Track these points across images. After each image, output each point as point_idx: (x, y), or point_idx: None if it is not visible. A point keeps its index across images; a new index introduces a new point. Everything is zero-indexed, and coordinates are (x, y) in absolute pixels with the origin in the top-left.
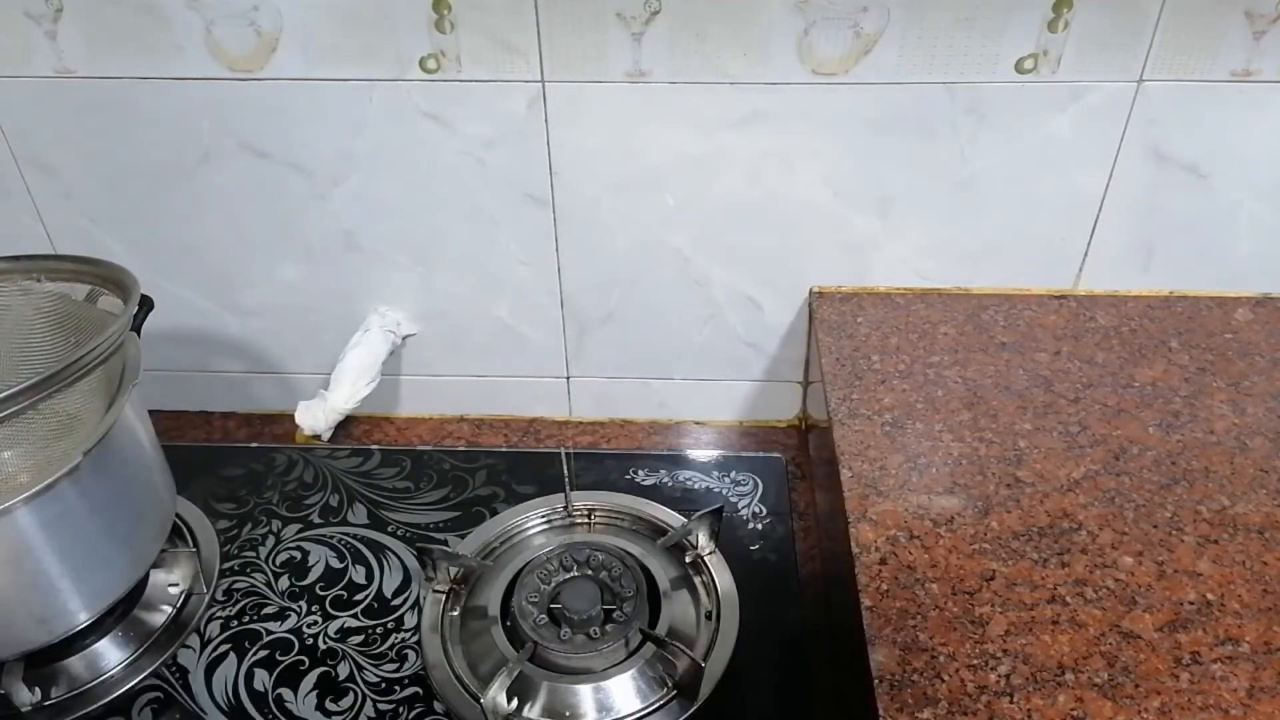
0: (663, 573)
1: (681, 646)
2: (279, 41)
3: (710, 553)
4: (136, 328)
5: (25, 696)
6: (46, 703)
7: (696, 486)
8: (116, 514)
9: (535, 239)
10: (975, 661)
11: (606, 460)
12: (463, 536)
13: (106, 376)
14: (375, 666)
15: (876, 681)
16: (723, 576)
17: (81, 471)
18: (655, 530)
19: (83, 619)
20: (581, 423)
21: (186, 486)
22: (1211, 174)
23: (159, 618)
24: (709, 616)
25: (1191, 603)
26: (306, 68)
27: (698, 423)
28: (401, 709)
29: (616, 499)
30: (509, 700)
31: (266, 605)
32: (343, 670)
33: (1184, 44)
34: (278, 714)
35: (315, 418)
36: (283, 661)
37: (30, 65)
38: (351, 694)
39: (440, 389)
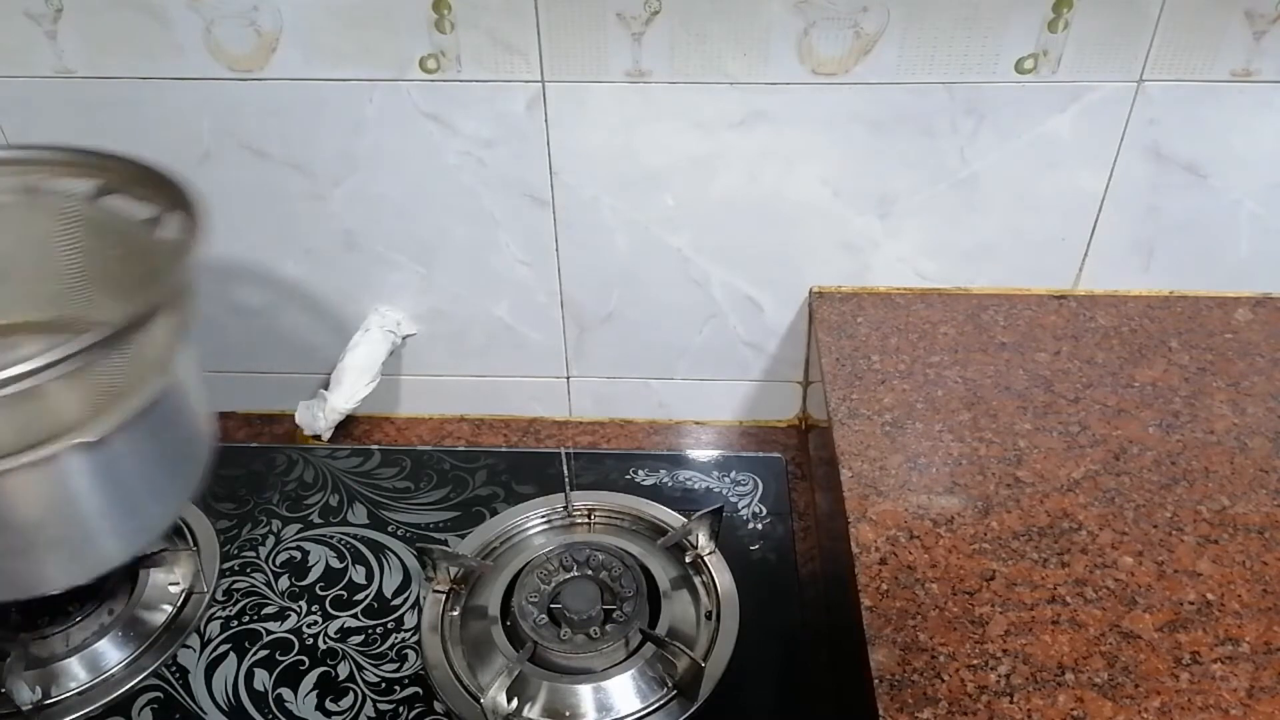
0: (663, 573)
1: (681, 646)
2: (279, 41)
3: (710, 553)
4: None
5: (26, 696)
6: (46, 702)
7: (696, 486)
8: (163, 452)
9: (535, 239)
10: (975, 661)
11: (606, 460)
12: (463, 536)
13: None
14: (375, 666)
15: (876, 681)
16: (723, 576)
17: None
18: (655, 530)
19: (120, 559)
20: (581, 423)
21: None
22: (1211, 174)
23: (159, 617)
24: (709, 616)
25: (1191, 603)
26: (306, 68)
27: (698, 423)
28: (401, 709)
29: (616, 499)
30: (509, 700)
31: (266, 605)
32: (343, 670)
33: (1184, 44)
34: (278, 714)
35: (315, 418)
36: (283, 661)
37: (30, 65)
38: (351, 694)
39: (440, 389)
